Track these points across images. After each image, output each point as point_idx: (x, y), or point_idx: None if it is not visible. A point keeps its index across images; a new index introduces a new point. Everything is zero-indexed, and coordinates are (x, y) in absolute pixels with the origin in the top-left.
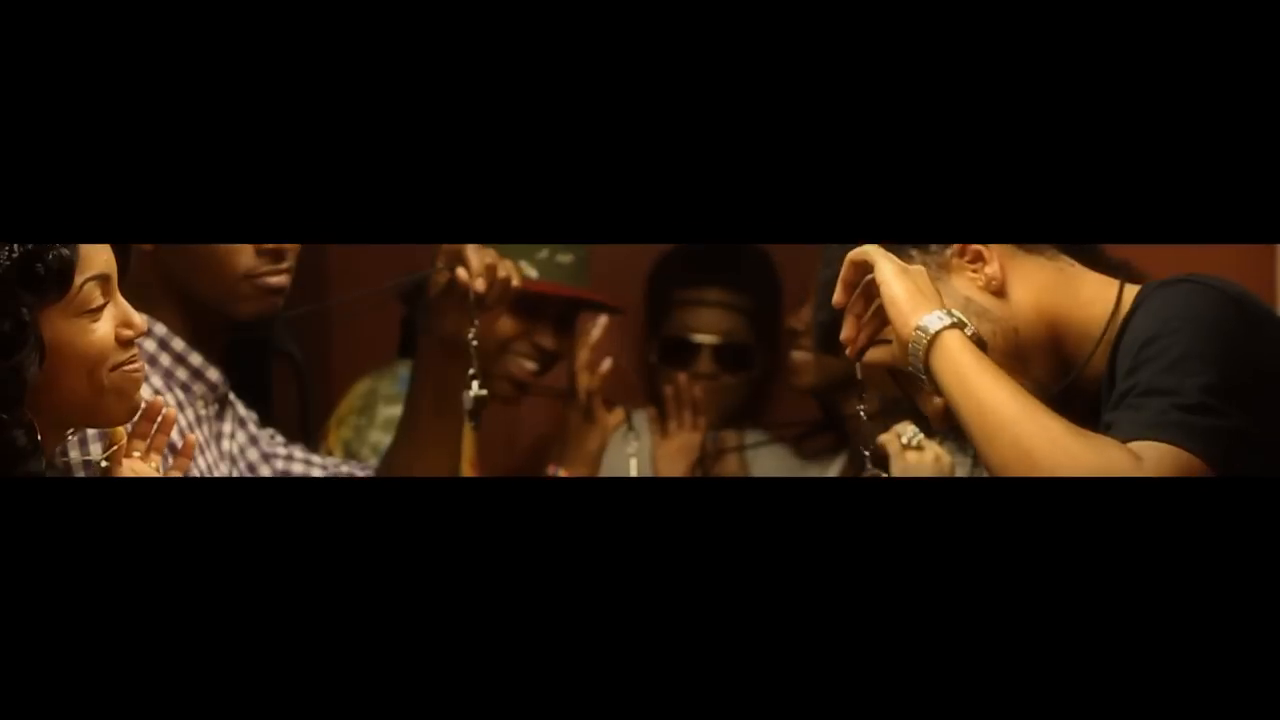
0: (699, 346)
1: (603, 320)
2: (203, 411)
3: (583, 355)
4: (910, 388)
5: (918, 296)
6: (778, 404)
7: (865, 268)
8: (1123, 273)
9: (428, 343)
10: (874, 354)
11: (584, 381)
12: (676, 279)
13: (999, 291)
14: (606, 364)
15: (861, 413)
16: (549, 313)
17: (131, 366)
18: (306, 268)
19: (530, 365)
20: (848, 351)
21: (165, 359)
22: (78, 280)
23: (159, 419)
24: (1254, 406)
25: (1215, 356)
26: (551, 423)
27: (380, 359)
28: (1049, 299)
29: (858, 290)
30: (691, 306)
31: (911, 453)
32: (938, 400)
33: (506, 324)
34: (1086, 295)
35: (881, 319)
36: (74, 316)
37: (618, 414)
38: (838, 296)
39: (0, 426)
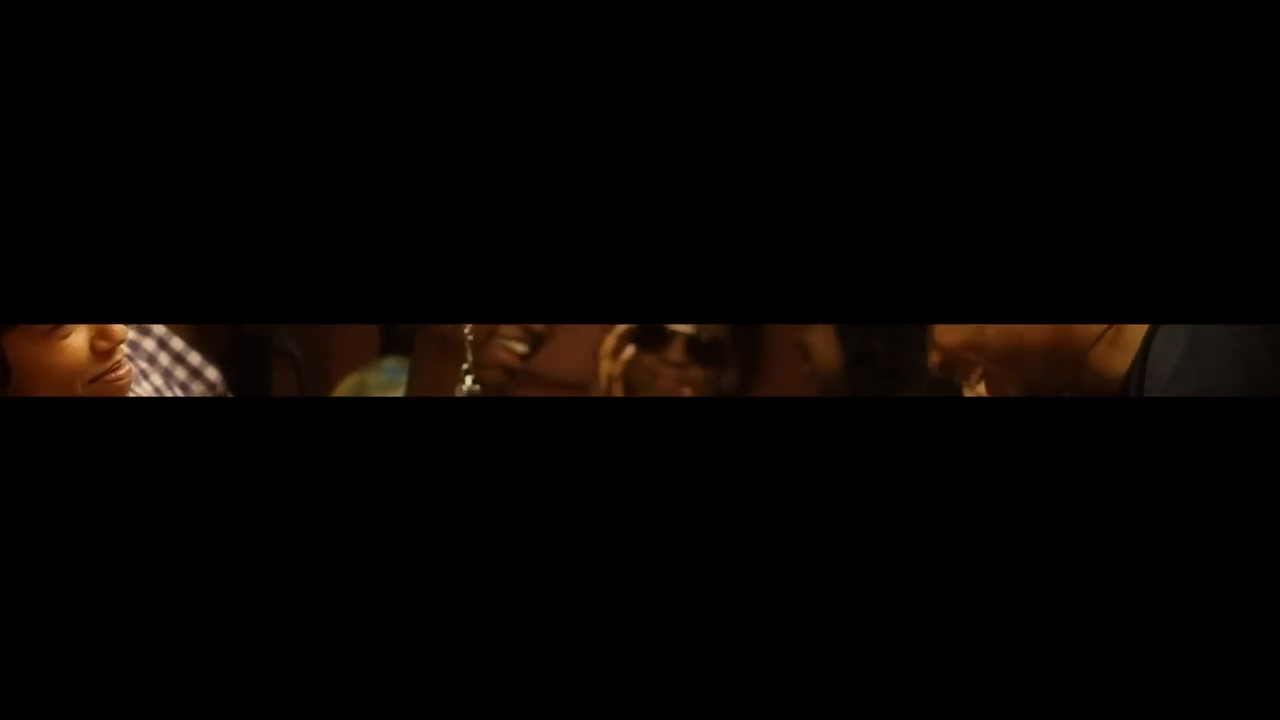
0: (672, 334)
1: None
2: None
3: (608, 342)
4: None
5: None
6: None
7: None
8: None
9: (424, 339)
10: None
11: (606, 368)
12: None
13: None
14: (629, 351)
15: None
16: None
17: (113, 376)
18: None
19: (520, 348)
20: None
21: (164, 358)
22: None
23: None
24: None
25: (1242, 386)
26: None
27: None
28: None
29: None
30: None
31: None
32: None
33: None
34: None
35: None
36: (41, 337)
37: None
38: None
39: None
